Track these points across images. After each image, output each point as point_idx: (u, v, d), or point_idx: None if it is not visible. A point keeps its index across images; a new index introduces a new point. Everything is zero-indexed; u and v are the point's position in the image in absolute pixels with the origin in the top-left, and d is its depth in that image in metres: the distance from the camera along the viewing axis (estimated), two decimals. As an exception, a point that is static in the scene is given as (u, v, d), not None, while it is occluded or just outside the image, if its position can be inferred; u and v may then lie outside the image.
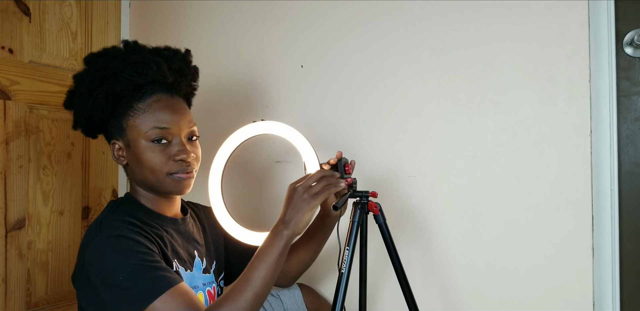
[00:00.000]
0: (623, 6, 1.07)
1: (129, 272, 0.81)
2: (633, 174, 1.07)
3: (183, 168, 0.94)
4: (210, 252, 1.07)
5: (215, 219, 1.12)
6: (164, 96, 0.95)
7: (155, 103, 0.93)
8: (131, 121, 0.93)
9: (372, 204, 0.98)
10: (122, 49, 0.97)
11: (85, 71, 0.94)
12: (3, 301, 1.25)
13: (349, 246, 0.94)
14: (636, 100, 1.07)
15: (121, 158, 0.96)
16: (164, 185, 0.94)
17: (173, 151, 0.93)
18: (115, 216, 0.91)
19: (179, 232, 1.00)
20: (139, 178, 0.95)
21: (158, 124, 0.92)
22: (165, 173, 0.93)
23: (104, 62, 0.93)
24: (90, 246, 0.85)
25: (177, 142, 0.94)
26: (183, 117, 0.95)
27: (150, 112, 0.92)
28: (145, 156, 0.92)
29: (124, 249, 0.83)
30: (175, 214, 1.03)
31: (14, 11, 1.30)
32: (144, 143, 0.92)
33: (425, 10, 1.20)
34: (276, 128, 1.07)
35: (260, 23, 1.44)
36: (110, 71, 0.91)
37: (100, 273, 0.82)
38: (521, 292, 1.11)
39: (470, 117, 1.16)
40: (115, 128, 0.95)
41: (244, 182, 1.44)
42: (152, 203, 0.98)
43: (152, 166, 0.92)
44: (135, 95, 0.93)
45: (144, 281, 0.81)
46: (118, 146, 0.96)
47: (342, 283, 0.91)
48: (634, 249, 1.06)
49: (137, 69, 0.91)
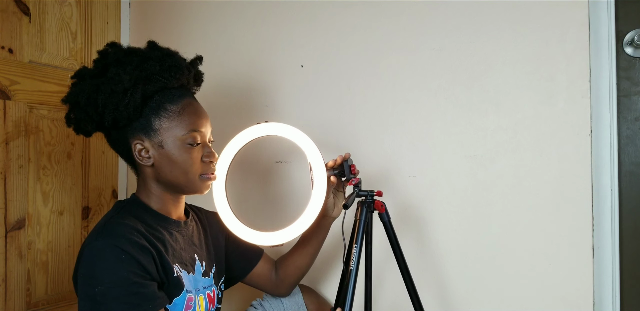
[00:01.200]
0: (623, 6, 1.07)
1: (106, 287, 0.81)
2: (633, 174, 1.07)
3: (211, 168, 1.00)
4: (211, 255, 1.07)
5: (217, 224, 1.13)
6: (191, 100, 0.99)
7: (187, 107, 0.96)
8: (165, 123, 0.94)
9: (379, 203, 1.01)
10: (154, 50, 0.98)
11: (122, 69, 0.92)
12: (3, 301, 1.25)
13: (357, 244, 0.96)
14: (636, 100, 1.07)
15: (146, 159, 0.95)
16: (193, 185, 0.97)
17: (204, 153, 0.98)
18: (120, 219, 0.91)
19: (182, 234, 1.01)
20: (167, 178, 0.96)
21: (195, 127, 0.96)
22: (197, 174, 0.97)
23: (140, 62, 0.93)
24: (87, 249, 0.85)
25: (206, 144, 0.99)
26: (208, 121, 1.01)
27: (185, 116, 0.95)
28: (182, 157, 0.95)
29: (111, 262, 0.83)
30: (179, 216, 1.04)
31: (14, 11, 1.30)
32: (180, 145, 0.94)
33: (425, 10, 1.20)
34: (280, 130, 1.08)
35: (260, 23, 1.44)
36: (146, 71, 0.92)
37: (85, 277, 0.83)
38: (521, 292, 1.11)
39: (470, 117, 1.16)
40: (142, 128, 0.94)
41: (244, 182, 1.44)
42: (161, 203, 0.99)
43: (187, 168, 0.95)
44: (166, 97, 0.95)
45: (114, 301, 0.81)
46: (142, 147, 0.95)
47: (351, 280, 0.94)
48: (634, 249, 1.06)
49: (172, 73, 0.94)
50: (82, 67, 0.99)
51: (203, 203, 1.21)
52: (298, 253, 1.14)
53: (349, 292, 0.93)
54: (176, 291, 0.92)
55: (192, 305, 0.95)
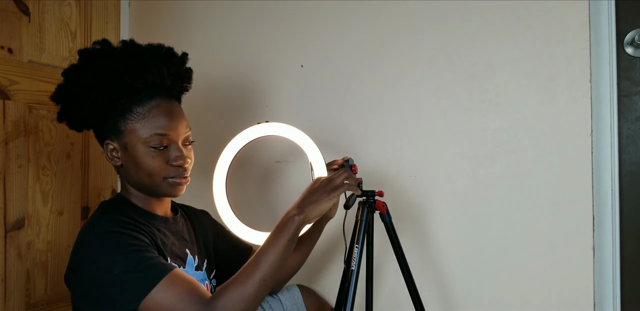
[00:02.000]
0: (623, 6, 1.06)
1: (124, 265, 0.81)
2: (634, 174, 1.07)
3: (180, 173, 0.95)
4: (201, 251, 1.08)
5: (206, 222, 1.14)
6: (162, 101, 0.95)
7: (154, 108, 0.93)
8: (130, 124, 0.92)
9: (380, 203, 1.01)
10: (122, 50, 0.96)
11: (84, 70, 0.93)
12: (2, 301, 1.25)
13: (358, 244, 0.96)
14: (637, 100, 1.07)
15: (115, 159, 0.96)
16: (159, 188, 0.95)
17: (171, 157, 0.94)
18: (107, 216, 0.91)
19: (170, 231, 1.01)
20: (134, 180, 0.96)
21: (158, 131, 0.92)
22: (162, 177, 0.94)
23: (104, 63, 0.92)
24: (84, 246, 0.85)
25: (174, 148, 0.95)
26: (181, 123, 0.96)
27: (150, 118, 0.92)
28: (144, 161, 0.92)
29: (117, 244, 0.83)
30: (165, 213, 1.04)
31: (14, 11, 1.29)
32: (142, 148, 0.92)
33: (426, 10, 1.20)
34: (281, 130, 1.08)
35: (260, 23, 1.44)
36: (110, 72, 0.91)
37: (97, 270, 0.82)
38: (521, 292, 1.11)
39: (470, 117, 1.16)
40: (111, 129, 0.94)
41: (244, 182, 1.44)
42: (144, 202, 0.99)
43: (150, 171, 0.93)
44: (133, 98, 0.93)
45: (140, 271, 0.81)
46: (112, 147, 0.96)
47: (352, 280, 0.94)
48: (634, 249, 1.06)
49: (138, 73, 0.91)
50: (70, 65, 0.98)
51: (203, 202, 1.21)
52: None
53: (350, 292, 0.93)
54: None
55: None
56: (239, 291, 0.81)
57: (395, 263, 1.01)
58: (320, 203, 0.90)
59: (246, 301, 0.81)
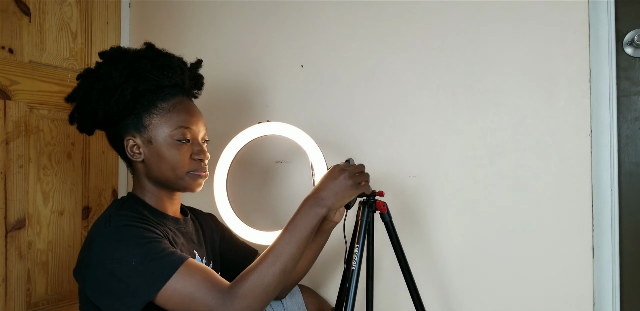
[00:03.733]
0: (623, 6, 1.07)
1: (141, 255, 0.81)
2: (633, 174, 1.07)
3: (202, 166, 0.99)
4: (208, 253, 1.09)
5: (212, 225, 1.14)
6: (184, 98, 1.01)
7: (178, 104, 0.98)
8: (155, 119, 0.96)
9: (380, 203, 1.00)
10: (148, 50, 1.00)
11: (114, 66, 0.95)
12: (3, 301, 1.25)
13: (358, 244, 0.96)
14: (636, 100, 1.07)
15: (137, 155, 0.98)
16: (182, 181, 0.98)
17: (194, 150, 0.98)
18: (121, 212, 0.93)
19: (181, 231, 1.02)
20: (156, 174, 0.98)
21: (183, 124, 0.97)
22: (185, 171, 0.97)
23: (132, 60, 0.95)
24: (99, 239, 0.86)
25: (196, 142, 1.00)
26: (201, 120, 1.01)
27: (175, 113, 0.97)
28: (169, 153, 0.96)
29: (132, 236, 0.84)
30: (175, 214, 1.05)
31: (14, 11, 1.30)
32: (168, 141, 0.96)
33: (425, 10, 1.20)
34: (282, 129, 1.08)
35: (260, 23, 1.44)
36: (138, 69, 0.94)
37: (114, 261, 0.82)
38: (521, 292, 1.11)
39: (470, 117, 1.16)
40: (134, 125, 0.97)
41: (244, 182, 1.44)
42: (157, 200, 1.00)
43: (174, 164, 0.96)
44: (158, 95, 0.97)
45: (157, 261, 0.81)
46: (133, 143, 0.97)
47: (353, 280, 0.94)
48: (634, 249, 1.06)
49: (164, 71, 0.96)
50: (86, 68, 1.01)
51: (204, 202, 1.21)
52: None
53: (350, 292, 0.93)
54: None
55: None
56: (260, 280, 0.81)
57: (395, 263, 1.02)
58: (341, 198, 0.90)
59: (266, 291, 0.81)
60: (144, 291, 0.80)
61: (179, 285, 0.80)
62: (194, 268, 0.82)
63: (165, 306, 0.81)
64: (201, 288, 0.80)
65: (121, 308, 0.81)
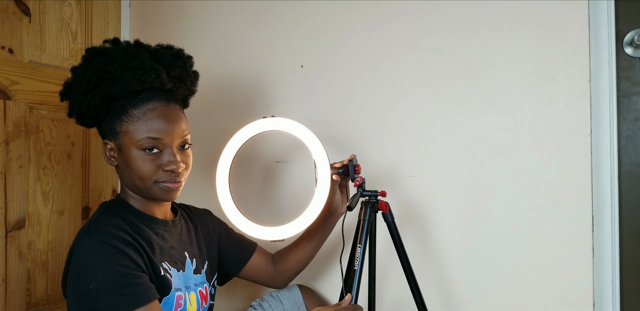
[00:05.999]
0: (623, 6, 1.07)
1: (100, 282, 0.81)
2: (633, 174, 1.07)
3: (172, 177, 0.94)
4: (202, 253, 1.07)
5: (209, 222, 1.13)
6: (159, 104, 0.94)
7: (150, 112, 0.92)
8: (125, 126, 0.92)
9: (383, 203, 1.01)
10: (123, 51, 0.95)
11: (83, 71, 0.94)
12: (3, 301, 1.25)
13: (360, 244, 0.96)
14: (636, 100, 1.07)
15: (112, 159, 0.97)
16: (150, 192, 0.95)
17: (163, 161, 0.93)
18: (105, 219, 0.91)
19: (170, 233, 1.01)
20: (128, 182, 0.96)
21: (151, 134, 0.91)
22: (153, 181, 0.93)
23: (103, 64, 0.92)
24: (76, 249, 0.86)
25: (168, 152, 0.93)
26: (177, 127, 0.94)
27: (144, 121, 0.91)
28: (135, 163, 0.92)
29: (102, 257, 0.83)
30: (165, 215, 1.03)
31: (14, 11, 1.30)
32: (135, 151, 0.92)
33: (425, 10, 1.20)
34: (286, 125, 1.08)
35: (260, 23, 1.44)
36: (108, 74, 0.91)
37: (75, 277, 0.83)
38: (521, 292, 1.11)
39: (470, 117, 1.16)
40: (109, 129, 0.95)
41: (244, 182, 1.44)
42: (142, 205, 0.99)
43: (140, 174, 0.92)
44: (131, 100, 0.92)
45: (110, 295, 0.80)
46: (110, 147, 0.96)
47: (355, 280, 0.94)
48: (634, 249, 1.06)
49: (135, 75, 0.91)
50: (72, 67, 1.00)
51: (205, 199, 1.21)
52: (301, 247, 1.14)
53: (353, 292, 0.93)
54: (165, 290, 0.92)
55: (182, 303, 0.96)
56: None
57: (397, 263, 1.02)
58: None
59: None
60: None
61: None
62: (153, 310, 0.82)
63: None
64: None
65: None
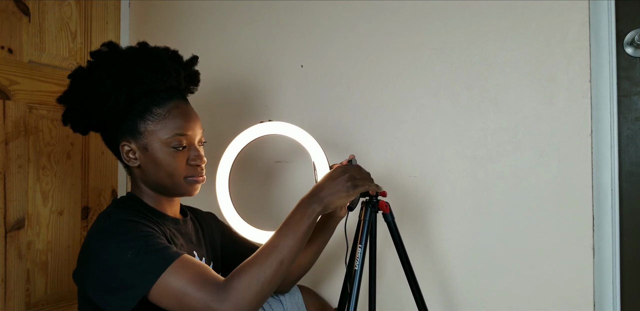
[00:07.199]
0: (623, 6, 1.06)
1: (136, 249, 0.82)
2: (634, 174, 1.07)
3: (198, 171, 0.98)
4: (208, 253, 1.08)
5: (213, 224, 1.14)
6: (180, 102, 0.98)
7: (174, 110, 0.96)
8: (150, 126, 0.94)
9: (383, 203, 1.00)
10: (140, 53, 0.97)
11: (106, 72, 0.93)
12: (3, 301, 1.25)
13: (361, 244, 0.96)
14: (637, 100, 1.07)
15: (133, 160, 0.97)
16: (179, 187, 0.97)
17: (190, 156, 0.97)
18: (121, 209, 0.94)
19: (180, 232, 1.01)
20: (153, 180, 0.97)
21: (179, 131, 0.95)
22: (183, 177, 0.96)
23: (124, 66, 0.93)
24: (98, 234, 0.87)
25: (193, 147, 0.98)
26: (198, 124, 0.99)
27: (170, 119, 0.95)
28: (166, 161, 0.94)
29: (130, 230, 0.85)
30: (175, 214, 1.05)
31: (14, 11, 1.30)
32: (164, 149, 0.94)
33: (425, 10, 1.20)
34: (284, 129, 1.08)
35: (260, 23, 1.44)
36: (131, 75, 0.92)
37: (110, 255, 0.82)
38: (521, 292, 1.11)
39: (470, 117, 1.16)
40: (129, 131, 0.95)
41: (244, 182, 1.44)
42: (155, 202, 1.00)
43: (171, 171, 0.95)
44: (152, 100, 0.95)
45: (152, 254, 0.81)
46: (129, 149, 0.96)
47: (355, 280, 0.94)
48: (634, 249, 1.06)
49: (158, 75, 0.93)
50: (78, 67, 1.00)
51: (206, 201, 1.21)
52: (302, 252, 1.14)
53: (353, 293, 0.93)
54: None
55: None
56: (256, 272, 0.80)
57: (398, 263, 1.01)
58: (338, 197, 0.90)
59: (262, 283, 0.80)
60: (138, 285, 0.80)
61: (172, 279, 0.79)
62: (188, 263, 0.82)
63: (160, 304, 0.81)
64: (195, 282, 0.79)
65: (117, 303, 0.81)
